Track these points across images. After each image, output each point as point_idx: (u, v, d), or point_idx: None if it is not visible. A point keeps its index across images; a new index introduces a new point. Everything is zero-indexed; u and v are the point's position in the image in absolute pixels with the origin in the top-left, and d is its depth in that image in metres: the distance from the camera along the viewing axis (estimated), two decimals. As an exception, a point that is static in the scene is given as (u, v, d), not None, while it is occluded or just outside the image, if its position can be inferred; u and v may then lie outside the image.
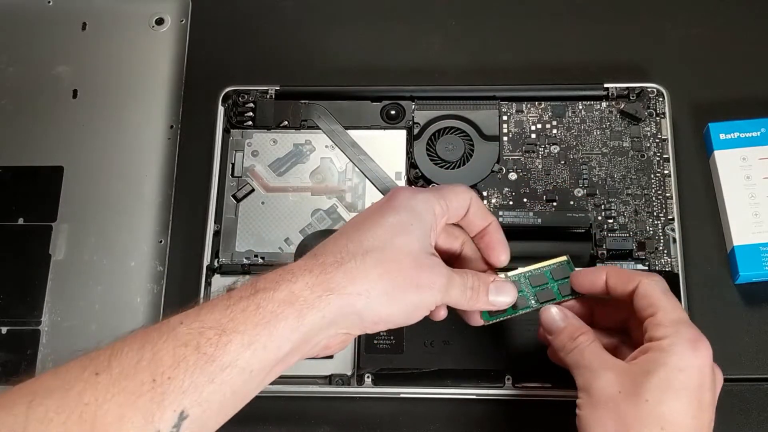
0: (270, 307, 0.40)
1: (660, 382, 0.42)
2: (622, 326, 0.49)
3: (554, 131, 0.61)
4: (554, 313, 0.48)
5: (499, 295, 0.48)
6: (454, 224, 0.49)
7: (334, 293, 0.41)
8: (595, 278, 0.48)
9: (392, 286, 0.42)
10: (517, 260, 0.50)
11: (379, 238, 0.43)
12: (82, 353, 0.39)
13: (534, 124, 0.61)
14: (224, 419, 0.40)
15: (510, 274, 0.50)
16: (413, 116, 0.62)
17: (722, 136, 0.60)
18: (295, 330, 0.40)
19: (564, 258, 0.50)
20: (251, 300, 0.40)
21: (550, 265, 0.50)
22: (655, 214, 0.58)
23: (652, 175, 0.59)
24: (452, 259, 0.49)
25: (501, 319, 0.49)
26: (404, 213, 0.44)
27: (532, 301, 0.49)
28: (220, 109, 0.62)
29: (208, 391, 0.38)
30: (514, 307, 0.49)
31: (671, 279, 0.55)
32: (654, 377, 0.42)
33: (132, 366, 0.38)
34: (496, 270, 0.50)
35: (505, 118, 0.62)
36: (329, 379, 0.55)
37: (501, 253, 0.49)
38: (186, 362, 0.38)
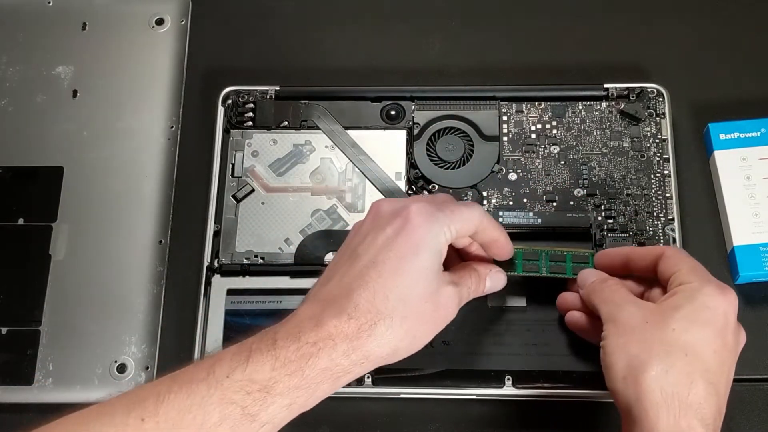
0: (312, 374, 0.42)
1: (688, 313, 0.45)
2: None
3: (554, 131, 0.61)
4: (589, 271, 0.52)
5: (493, 285, 0.51)
6: None
7: (368, 359, 0.43)
8: (616, 253, 0.52)
9: (415, 336, 0.44)
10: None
11: (403, 289, 0.44)
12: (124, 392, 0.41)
13: (534, 124, 0.61)
14: None
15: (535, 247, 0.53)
16: (413, 116, 0.62)
17: (722, 137, 0.60)
18: (329, 392, 0.43)
19: (591, 251, 0.54)
20: (297, 365, 0.41)
21: (573, 251, 0.54)
22: (655, 214, 0.58)
23: (652, 176, 0.59)
24: (457, 250, 0.52)
25: (508, 273, 0.52)
26: (423, 253, 0.45)
27: (543, 270, 0.53)
28: (220, 110, 0.62)
29: None
30: (524, 269, 0.53)
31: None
32: (682, 310, 0.45)
33: (180, 417, 0.39)
34: None
35: (505, 118, 0.62)
36: (329, 380, 0.55)
37: (507, 255, 0.51)
38: (231, 420, 0.40)
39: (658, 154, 0.60)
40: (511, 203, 0.59)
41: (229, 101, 0.63)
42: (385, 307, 0.43)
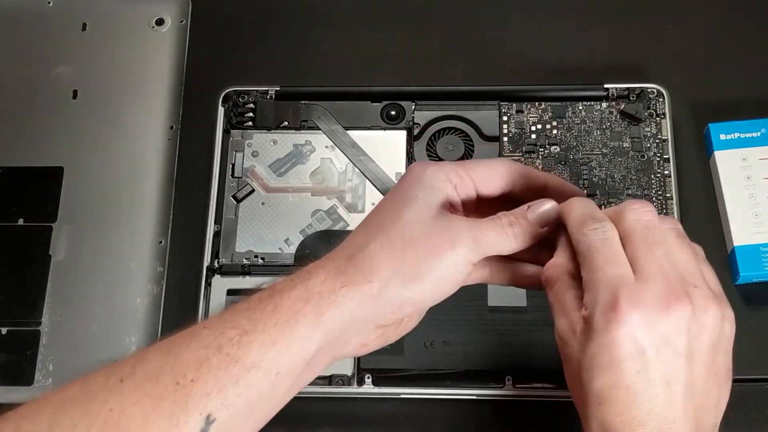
0: (287, 305, 0.39)
1: (588, 359, 0.38)
2: None
3: (554, 132, 0.61)
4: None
5: (540, 207, 0.43)
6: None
7: (347, 286, 0.39)
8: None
9: (403, 264, 0.40)
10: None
11: (383, 218, 0.41)
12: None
13: (534, 124, 0.61)
14: (257, 426, 0.39)
15: None
16: (413, 116, 0.62)
17: (722, 137, 0.60)
18: (315, 328, 0.39)
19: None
20: (270, 300, 0.39)
21: None
22: (655, 214, 0.58)
23: (653, 176, 0.59)
24: None
25: None
26: (410, 187, 0.42)
27: None
28: (220, 110, 0.62)
29: (233, 394, 0.37)
30: None
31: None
32: (584, 357, 0.39)
33: (155, 371, 0.37)
34: None
35: (505, 118, 0.62)
36: (329, 380, 0.55)
37: (574, 192, 0.45)
38: (209, 363, 0.37)
39: (659, 155, 0.60)
40: (511, 203, 0.59)
41: (230, 101, 0.63)
42: (365, 237, 0.41)
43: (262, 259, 0.59)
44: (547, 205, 0.42)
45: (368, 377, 0.55)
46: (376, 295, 0.40)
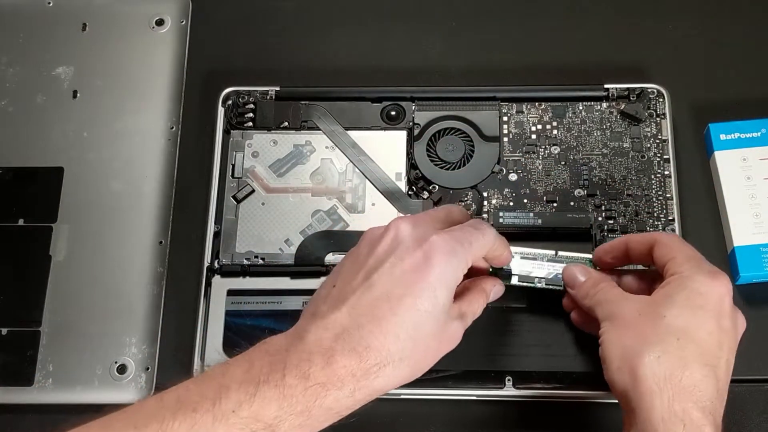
0: (317, 414, 0.41)
1: (679, 300, 0.45)
2: None
3: (554, 132, 0.61)
4: (575, 270, 0.52)
5: (495, 296, 0.52)
6: None
7: (372, 396, 0.43)
8: (617, 247, 0.52)
9: (417, 370, 0.45)
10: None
11: (414, 329, 0.43)
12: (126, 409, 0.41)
13: (534, 124, 0.61)
14: None
15: (533, 251, 0.54)
16: (413, 117, 0.62)
17: (722, 137, 0.60)
18: (327, 425, 0.43)
19: (589, 256, 0.54)
20: (304, 405, 0.41)
21: (572, 258, 0.54)
22: (655, 214, 0.58)
23: (653, 176, 0.59)
24: None
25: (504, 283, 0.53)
26: (439, 291, 0.44)
27: (538, 283, 0.53)
28: (221, 110, 0.62)
29: None
30: (519, 279, 0.53)
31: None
32: (674, 298, 0.46)
33: None
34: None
35: (505, 118, 0.62)
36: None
37: (507, 262, 0.53)
38: None
39: (659, 155, 0.60)
40: (511, 204, 0.59)
41: (230, 102, 0.63)
42: (395, 348, 0.43)
43: (263, 259, 0.59)
44: (498, 295, 0.53)
45: (368, 378, 0.55)
46: (384, 392, 0.44)
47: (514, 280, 0.53)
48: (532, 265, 0.54)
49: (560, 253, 0.54)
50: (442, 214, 0.50)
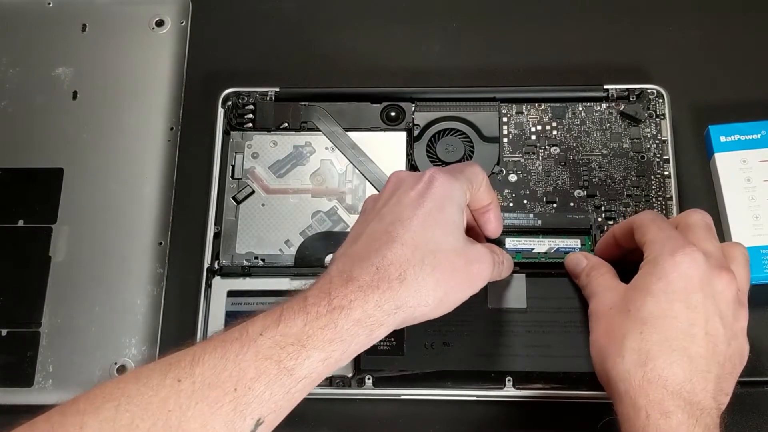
0: (346, 326, 0.41)
1: (643, 291, 0.46)
2: None
3: (554, 133, 0.61)
4: (578, 256, 0.54)
5: (508, 268, 0.54)
6: None
7: (401, 309, 0.43)
8: (606, 239, 0.54)
9: (447, 291, 0.45)
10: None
11: (431, 241, 0.44)
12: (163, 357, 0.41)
13: (534, 125, 0.61)
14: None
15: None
16: (413, 118, 0.62)
17: (722, 139, 0.60)
18: (364, 345, 0.43)
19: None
20: (329, 318, 0.41)
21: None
22: (655, 215, 0.58)
23: (653, 177, 0.59)
24: None
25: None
26: (449, 208, 0.46)
27: (541, 258, 0.58)
28: (220, 111, 0.62)
29: (283, 400, 0.40)
30: (522, 256, 0.57)
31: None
32: (638, 289, 0.46)
33: (215, 375, 0.39)
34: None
35: (505, 119, 0.62)
36: (329, 381, 0.55)
37: (498, 228, 0.53)
38: (267, 375, 0.40)
39: (658, 156, 0.60)
40: (511, 204, 0.59)
41: (229, 103, 0.63)
42: (414, 256, 0.43)
43: (263, 260, 0.59)
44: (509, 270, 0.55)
45: (368, 378, 0.55)
46: (419, 315, 0.44)
47: (517, 257, 0.57)
48: (533, 242, 0.57)
49: (559, 247, 0.56)
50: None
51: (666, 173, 0.59)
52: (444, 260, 0.44)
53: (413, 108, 0.62)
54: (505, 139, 0.61)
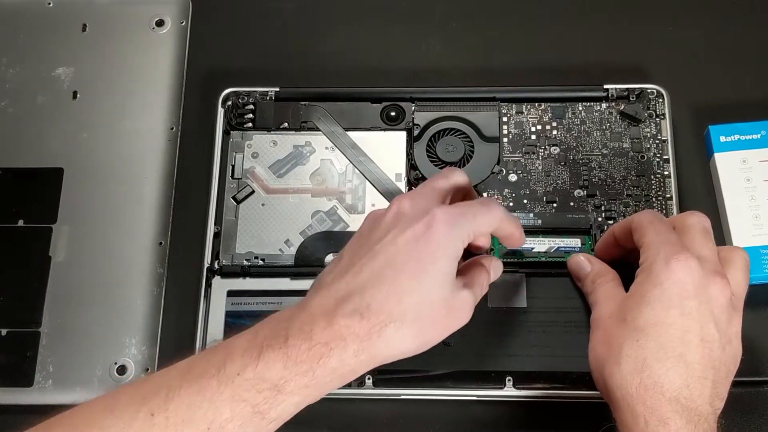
0: (323, 374, 0.42)
1: (638, 299, 0.46)
2: None
3: (554, 132, 0.61)
4: (581, 260, 0.54)
5: (495, 274, 0.52)
6: None
7: (375, 359, 0.43)
8: (606, 239, 0.54)
9: (423, 341, 0.44)
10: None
11: (417, 292, 0.44)
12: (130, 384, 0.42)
13: (534, 125, 0.61)
14: None
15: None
16: (413, 118, 0.62)
17: (722, 139, 0.60)
18: (337, 387, 0.43)
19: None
20: (308, 364, 0.41)
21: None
22: (655, 215, 0.58)
23: (652, 177, 0.59)
24: None
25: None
26: (442, 260, 0.44)
27: (541, 257, 0.57)
28: (220, 111, 0.62)
29: None
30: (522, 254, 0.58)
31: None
32: (634, 297, 0.47)
33: (190, 413, 0.40)
34: None
35: (505, 119, 0.62)
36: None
37: (517, 247, 0.54)
38: (242, 417, 0.40)
39: (658, 155, 0.60)
40: (511, 204, 0.59)
41: (229, 102, 0.63)
42: (397, 310, 0.43)
43: (263, 260, 0.59)
44: (499, 273, 0.52)
45: (368, 378, 0.55)
46: (390, 361, 0.44)
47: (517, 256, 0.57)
48: (533, 241, 0.57)
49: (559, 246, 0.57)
50: (444, 183, 0.50)
51: (666, 173, 0.59)
52: (426, 313, 0.44)
53: (413, 108, 0.62)
54: (505, 139, 0.61)
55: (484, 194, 0.60)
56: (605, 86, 0.62)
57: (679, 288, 0.45)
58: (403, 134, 0.62)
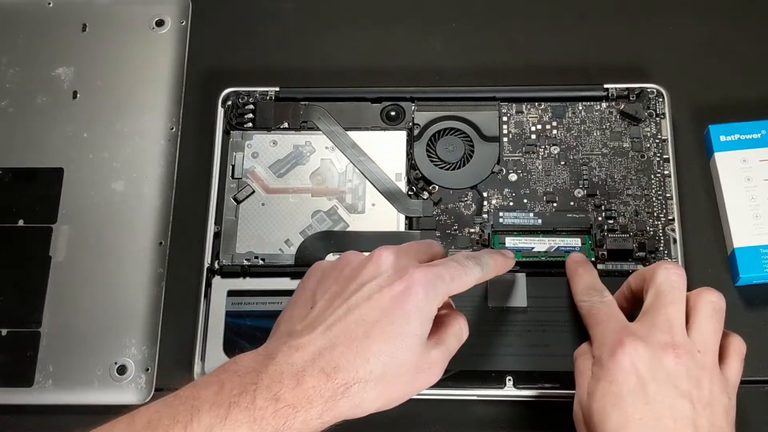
0: None
1: (600, 403, 0.45)
2: None
3: (554, 132, 0.61)
4: (577, 260, 0.54)
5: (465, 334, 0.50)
6: None
7: (338, 418, 0.43)
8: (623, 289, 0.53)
9: (387, 401, 0.45)
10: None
11: (385, 354, 0.43)
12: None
13: (534, 124, 0.61)
14: None
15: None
16: (413, 117, 0.62)
17: (722, 138, 0.60)
18: None
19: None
20: (273, 425, 0.41)
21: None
22: (655, 214, 0.58)
23: (653, 176, 0.59)
24: None
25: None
26: (415, 321, 0.44)
27: (541, 257, 0.57)
28: (220, 111, 0.62)
29: None
30: (522, 254, 0.57)
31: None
32: (596, 400, 0.46)
33: None
34: None
35: (505, 119, 0.62)
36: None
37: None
38: None
39: (659, 155, 0.60)
40: (511, 204, 0.59)
41: (229, 102, 0.63)
42: (363, 370, 0.43)
43: (263, 260, 0.59)
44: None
45: (368, 378, 0.55)
46: (355, 416, 0.44)
47: (516, 255, 0.56)
48: (533, 241, 0.57)
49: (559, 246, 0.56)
50: (424, 247, 0.50)
51: (666, 172, 0.59)
52: (392, 374, 0.44)
53: (413, 107, 0.62)
54: (505, 139, 0.61)
55: (484, 194, 0.60)
56: (605, 86, 0.62)
57: (633, 378, 0.45)
58: (403, 134, 0.62)
